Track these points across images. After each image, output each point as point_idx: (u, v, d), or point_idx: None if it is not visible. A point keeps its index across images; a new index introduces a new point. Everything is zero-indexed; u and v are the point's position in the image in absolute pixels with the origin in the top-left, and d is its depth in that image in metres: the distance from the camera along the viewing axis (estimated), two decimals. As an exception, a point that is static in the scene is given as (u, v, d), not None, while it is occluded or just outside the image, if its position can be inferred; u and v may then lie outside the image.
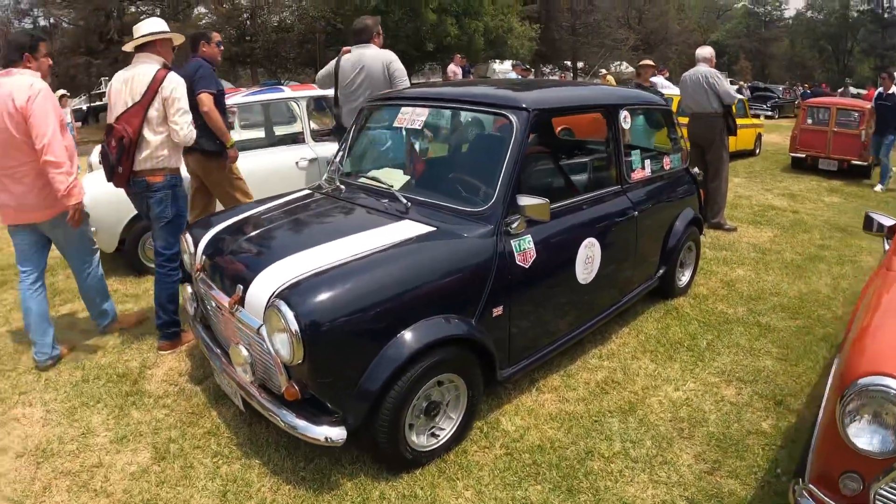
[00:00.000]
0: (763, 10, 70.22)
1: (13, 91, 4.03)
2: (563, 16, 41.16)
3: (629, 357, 4.49)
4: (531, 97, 3.80)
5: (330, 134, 7.88)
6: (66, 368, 4.52)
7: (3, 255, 7.48)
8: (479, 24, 28.54)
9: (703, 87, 7.69)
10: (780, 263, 6.70)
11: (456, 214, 3.52)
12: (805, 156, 13.33)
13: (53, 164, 4.04)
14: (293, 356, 2.76)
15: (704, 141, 7.90)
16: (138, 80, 4.39)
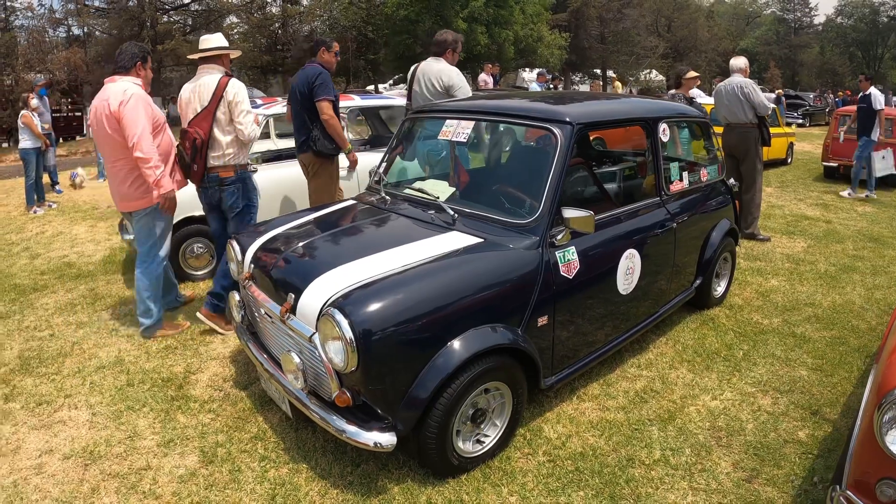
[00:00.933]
0: (792, 17, 69.55)
1: (110, 96, 4.66)
2: (592, 24, 41.01)
3: (667, 366, 4.53)
4: (575, 111, 3.89)
5: (367, 144, 8.00)
6: (110, 372, 4.63)
7: (42, 260, 7.65)
8: (510, 33, 28.55)
9: (738, 98, 7.69)
10: (814, 274, 6.69)
11: (502, 226, 3.59)
12: (838, 165, 13.19)
13: (142, 160, 4.63)
14: (347, 364, 2.84)
15: (739, 152, 7.90)
16: (205, 87, 5.03)
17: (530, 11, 30.72)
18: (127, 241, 6.26)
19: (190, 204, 6.23)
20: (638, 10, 43.42)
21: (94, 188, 13.17)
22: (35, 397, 4.33)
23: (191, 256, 6.43)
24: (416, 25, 26.79)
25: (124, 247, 7.75)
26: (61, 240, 8.69)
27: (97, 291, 6.38)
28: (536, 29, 30.97)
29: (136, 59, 4.88)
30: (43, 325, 5.58)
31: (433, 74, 6.09)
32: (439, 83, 6.02)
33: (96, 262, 7.50)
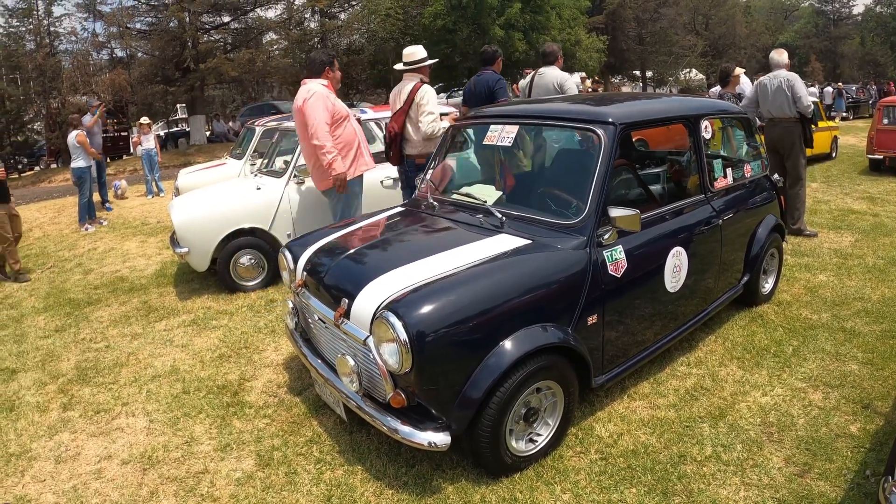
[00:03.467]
0: (831, 8, 68.23)
1: (300, 95, 5.69)
2: (629, 25, 40.77)
3: (717, 364, 4.52)
4: (617, 111, 3.92)
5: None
6: (166, 381, 4.77)
7: (95, 275, 7.88)
8: (547, 39, 28.49)
9: (783, 92, 7.58)
10: (863, 268, 6.59)
11: (549, 227, 3.64)
12: (883, 157, 12.95)
13: (317, 147, 5.60)
14: (401, 365, 2.92)
15: (783, 146, 7.79)
16: (404, 91, 6.24)
17: (566, 16, 30.61)
18: (179, 254, 6.42)
19: (239, 216, 6.40)
20: (674, 9, 43.03)
21: (143, 204, 13.48)
22: (93, 406, 4.49)
23: (241, 267, 6.57)
24: (453, 35, 26.86)
25: (176, 260, 7.93)
26: (113, 255, 8.94)
27: (150, 304, 6.56)
28: (574, 33, 30.83)
29: (324, 65, 5.88)
30: (98, 337, 5.77)
31: (552, 78, 7.41)
32: (556, 84, 7.36)
33: (148, 275, 7.70)
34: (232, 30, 28.08)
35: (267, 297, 6.40)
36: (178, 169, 14.82)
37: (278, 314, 5.87)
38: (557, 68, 7.54)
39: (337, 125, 5.75)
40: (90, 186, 11.14)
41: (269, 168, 7.41)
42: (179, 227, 6.41)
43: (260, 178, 7.08)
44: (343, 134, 5.81)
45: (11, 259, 7.99)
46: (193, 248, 6.39)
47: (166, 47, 25.19)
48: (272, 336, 5.42)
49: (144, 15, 26.60)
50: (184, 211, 6.58)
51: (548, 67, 7.57)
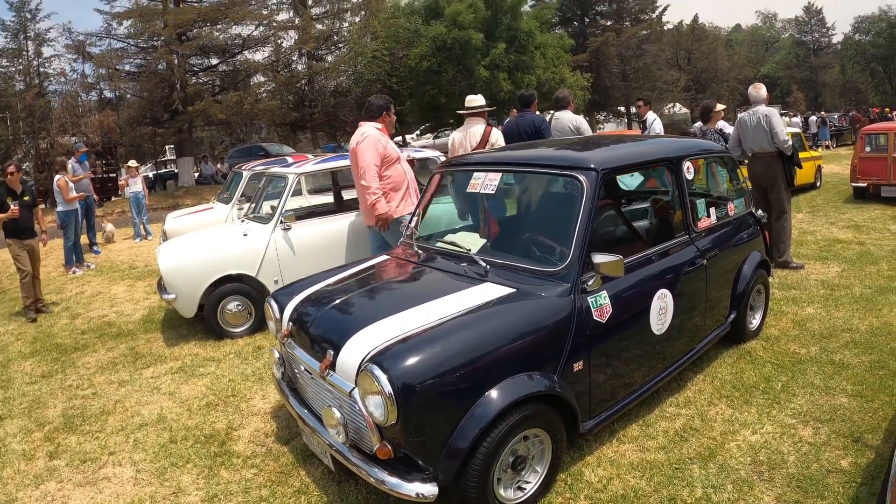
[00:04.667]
0: (810, 38, 69.44)
1: (355, 136, 5.99)
2: (613, 62, 41.36)
3: (706, 403, 4.50)
4: (598, 157, 3.96)
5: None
6: (153, 430, 4.73)
7: (82, 320, 7.86)
8: (532, 78, 28.79)
9: (762, 128, 7.67)
10: (850, 298, 6.61)
11: (534, 275, 3.66)
12: (867, 185, 13.10)
13: (364, 187, 5.86)
14: (387, 417, 2.90)
15: (766, 181, 7.87)
16: (473, 134, 6.93)
17: (551, 55, 31.00)
18: (166, 300, 6.41)
19: (226, 263, 6.40)
20: (657, 45, 43.82)
21: (131, 247, 13.48)
22: (79, 455, 4.45)
23: (228, 314, 6.55)
24: (439, 76, 27.14)
25: (163, 305, 7.90)
26: (100, 299, 8.91)
27: (137, 350, 6.53)
28: (558, 71, 31.20)
29: (381, 110, 6.17)
30: (85, 384, 5.74)
31: (568, 121, 8.11)
32: (573, 126, 8.06)
33: (136, 321, 7.67)
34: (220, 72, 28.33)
35: (254, 343, 6.37)
36: (166, 211, 14.83)
37: (266, 361, 5.84)
38: (570, 111, 8.28)
39: (387, 166, 6.00)
40: (75, 230, 11.15)
41: (256, 213, 7.42)
42: (166, 273, 6.41)
43: (247, 224, 7.09)
44: (393, 175, 6.05)
45: (24, 293, 8.18)
46: (181, 295, 6.38)
47: (155, 89, 25.42)
48: (260, 384, 5.39)
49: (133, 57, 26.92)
50: (171, 257, 6.58)
51: (562, 112, 8.30)
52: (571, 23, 44.69)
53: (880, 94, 65.97)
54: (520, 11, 29.68)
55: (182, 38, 25.32)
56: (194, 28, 25.96)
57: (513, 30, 28.69)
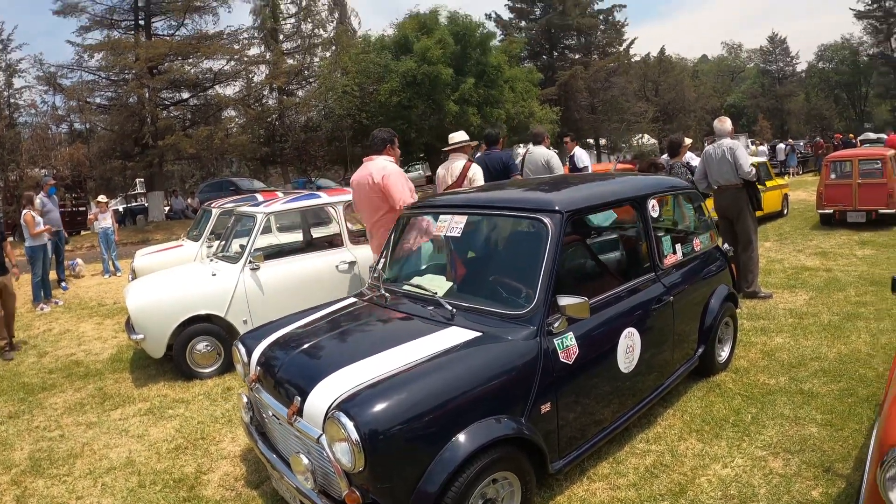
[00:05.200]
0: (775, 67, 70.88)
1: (373, 171, 5.90)
2: (581, 95, 41.82)
3: (676, 438, 4.51)
4: (563, 198, 4.00)
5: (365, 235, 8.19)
6: (121, 474, 4.65)
7: (50, 358, 7.77)
8: (501, 112, 28.99)
9: (727, 161, 7.80)
10: (818, 326, 6.69)
11: (500, 318, 3.67)
12: (833, 211, 13.36)
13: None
14: (354, 464, 2.89)
15: (732, 213, 8.00)
16: (454, 168, 7.11)
17: (520, 89, 31.20)
18: (134, 340, 6.35)
19: (195, 302, 6.36)
20: (624, 77, 44.42)
21: (100, 283, 13.34)
22: (47, 499, 4.37)
23: (197, 354, 6.49)
24: (409, 111, 27.27)
25: (132, 345, 7.81)
26: (68, 337, 8.81)
27: (105, 391, 6.45)
28: (527, 105, 31.39)
29: (385, 143, 6.21)
30: (53, 426, 5.65)
31: (540, 156, 8.54)
32: (544, 161, 8.44)
33: (104, 360, 7.58)
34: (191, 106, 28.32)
35: (224, 384, 6.31)
36: (135, 247, 14.73)
37: (235, 403, 5.78)
38: (545, 147, 8.76)
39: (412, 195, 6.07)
40: (44, 265, 11.03)
41: (225, 252, 7.39)
42: (135, 313, 6.35)
43: (216, 263, 7.06)
44: None
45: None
46: (149, 335, 6.33)
47: (125, 122, 25.37)
48: (229, 426, 5.33)
49: (104, 89, 26.89)
50: (139, 296, 6.53)
51: (536, 147, 8.74)
52: (540, 56, 45.24)
53: (844, 120, 67.40)
54: (489, 46, 29.90)
55: (153, 71, 25.33)
56: (165, 62, 25.97)
57: (482, 64, 28.91)
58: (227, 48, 27.33)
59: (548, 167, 8.42)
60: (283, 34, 32.78)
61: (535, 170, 8.56)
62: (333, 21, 34.79)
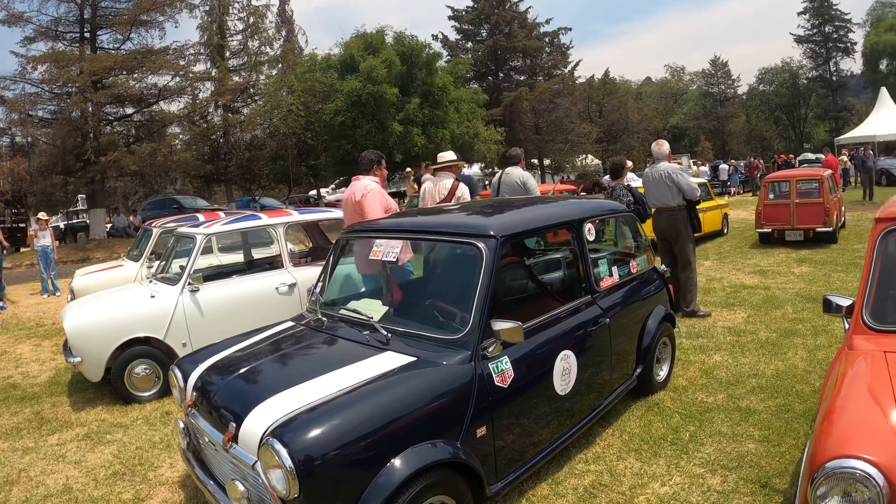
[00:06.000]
0: (717, 90, 72.66)
1: (356, 190, 6.34)
2: (526, 116, 42.38)
3: (615, 458, 4.56)
4: (498, 223, 4.05)
5: (307, 257, 8.16)
6: (58, 501, 4.55)
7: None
8: (446, 132, 29.17)
9: (665, 184, 7.99)
10: (756, 344, 6.84)
11: (435, 343, 3.69)
12: (771, 230, 13.75)
13: None
14: (289, 491, 2.86)
15: (670, 234, 8.17)
16: (442, 186, 7.54)
17: (465, 110, 31.49)
18: (71, 363, 6.21)
19: (133, 325, 6.26)
20: (569, 98, 45.21)
21: (39, 303, 13.05)
22: (-18, 528, 4.25)
23: (136, 378, 6.38)
24: (354, 131, 27.33)
25: (70, 368, 7.64)
26: (5, 359, 8.60)
27: (42, 415, 6.30)
28: (472, 126, 31.70)
29: (373, 163, 6.54)
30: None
31: (516, 176, 8.52)
32: (519, 182, 8.46)
33: (41, 383, 7.40)
34: (135, 122, 27.94)
35: (163, 408, 6.20)
36: (75, 265, 14.43)
37: (174, 427, 5.68)
38: (520, 168, 8.73)
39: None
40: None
41: (164, 273, 7.28)
42: (72, 336, 6.23)
43: (155, 285, 6.96)
44: None
45: None
46: (86, 358, 6.21)
47: (68, 137, 24.94)
48: (167, 451, 5.24)
49: (47, 103, 26.47)
50: (76, 318, 6.40)
51: (512, 168, 8.72)
52: (486, 78, 45.81)
53: (784, 140, 69.28)
54: (435, 67, 30.16)
55: (97, 85, 24.93)
56: (110, 76, 25.58)
57: (427, 85, 29.11)
58: (173, 64, 27.10)
59: (524, 188, 8.50)
60: (230, 51, 32.64)
61: (510, 191, 8.62)
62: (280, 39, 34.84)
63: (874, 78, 58.54)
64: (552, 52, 47.82)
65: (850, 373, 3.01)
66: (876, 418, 2.59)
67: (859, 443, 2.43)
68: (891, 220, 3.52)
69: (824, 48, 67.78)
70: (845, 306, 3.62)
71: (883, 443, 2.42)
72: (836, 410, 2.72)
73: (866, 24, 64.91)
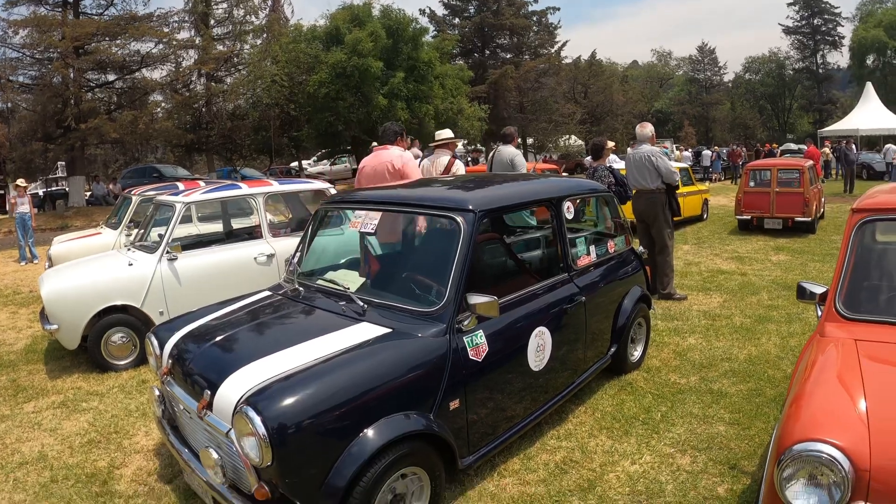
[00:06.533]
0: (703, 76, 72.62)
1: (393, 159, 6.35)
2: (511, 94, 42.21)
3: (586, 435, 4.61)
4: (477, 198, 4.06)
5: (287, 227, 8.14)
6: (33, 469, 4.54)
7: None
8: (430, 108, 29.02)
9: (646, 166, 8.03)
10: (730, 328, 6.92)
11: (410, 315, 3.71)
12: (751, 217, 13.87)
13: None
14: (262, 459, 2.89)
15: (648, 216, 8.23)
16: (439, 163, 7.73)
17: (450, 85, 31.29)
18: (48, 330, 6.18)
19: (110, 293, 6.23)
20: (554, 78, 45.05)
21: (16, 271, 12.94)
22: (-45, 495, 4.23)
23: (112, 346, 6.37)
24: (337, 103, 27.10)
25: (47, 335, 7.60)
26: (-19, 328, 8.50)
27: (19, 383, 6.27)
28: (456, 102, 31.49)
29: (396, 135, 6.67)
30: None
31: (506, 154, 8.69)
32: (508, 159, 8.62)
33: (18, 350, 7.36)
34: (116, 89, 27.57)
35: (139, 376, 6.20)
36: (54, 233, 14.31)
37: (149, 396, 5.69)
38: (513, 147, 8.91)
39: None
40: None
41: (143, 241, 7.25)
42: (49, 303, 6.19)
43: (133, 253, 6.93)
44: None
45: None
46: (63, 325, 6.18)
47: (48, 103, 24.58)
48: (143, 419, 5.25)
49: (28, 68, 26.01)
50: (53, 286, 6.36)
51: (504, 146, 8.96)
52: (472, 54, 45.51)
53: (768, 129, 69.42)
54: (421, 41, 29.95)
55: (79, 51, 24.55)
56: (92, 42, 25.19)
57: (413, 59, 28.91)
58: (157, 31, 26.71)
59: (512, 165, 8.66)
60: (215, 19, 32.18)
61: (500, 168, 8.82)
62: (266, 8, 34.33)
63: (860, 73, 58.86)
64: (539, 31, 47.56)
65: (820, 359, 3.06)
66: (844, 404, 2.64)
67: (827, 427, 2.47)
68: (867, 211, 3.56)
69: (812, 40, 67.88)
70: (819, 293, 3.66)
71: (850, 428, 2.46)
72: (805, 395, 2.76)
73: (855, 19, 65.10)
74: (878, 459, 2.33)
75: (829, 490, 2.36)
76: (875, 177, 29.20)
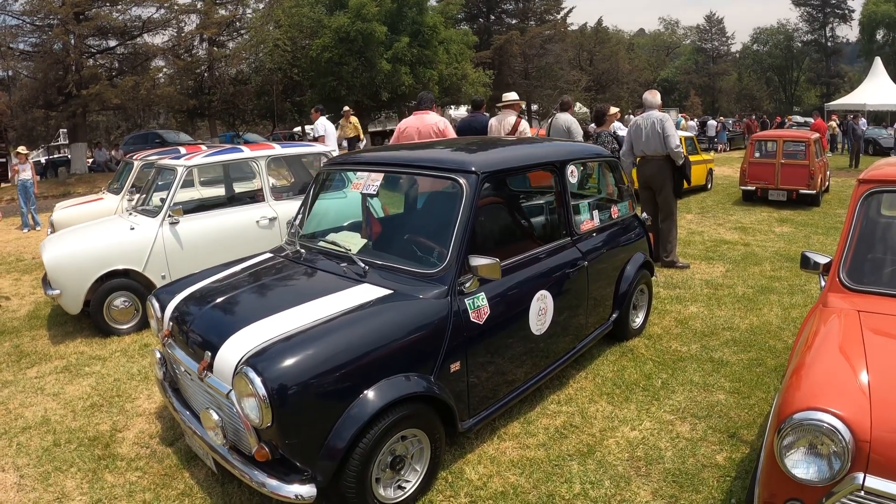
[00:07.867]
0: (710, 46, 72.05)
1: (437, 122, 7.51)
2: (515, 60, 41.85)
3: (587, 401, 4.63)
4: (480, 160, 4.02)
5: (289, 191, 8.10)
6: (36, 433, 4.56)
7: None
8: (434, 73, 28.85)
9: (656, 132, 7.92)
10: (733, 298, 6.91)
11: (412, 276, 3.69)
12: (755, 188, 13.80)
13: None
14: (262, 420, 2.89)
15: (656, 183, 8.15)
16: (507, 122, 8.59)
17: (454, 50, 31.10)
18: (50, 296, 6.19)
19: (112, 257, 6.22)
20: (560, 45, 44.56)
21: (19, 238, 12.94)
22: (-41, 460, 4.25)
23: (115, 310, 6.37)
24: (340, 68, 26.93)
25: (49, 301, 7.61)
26: (-17, 294, 8.51)
27: (22, 348, 6.28)
28: (461, 67, 31.34)
29: (432, 102, 7.84)
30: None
31: (562, 121, 9.00)
32: (564, 127, 8.93)
33: (21, 317, 7.37)
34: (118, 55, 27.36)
35: (141, 340, 6.22)
36: (56, 200, 14.29)
37: (151, 359, 5.70)
38: (569, 114, 9.24)
39: None
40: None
41: (145, 206, 7.22)
42: (51, 268, 6.19)
43: (135, 217, 6.91)
44: None
45: None
46: (65, 290, 6.18)
47: (49, 70, 24.39)
48: (145, 383, 5.27)
49: (28, 35, 25.76)
50: (55, 251, 6.35)
51: (562, 113, 9.33)
52: (477, 19, 45.09)
53: (774, 101, 69.09)
54: (425, 6, 29.69)
55: (80, 17, 24.31)
56: (93, 8, 24.95)
57: (417, 24, 28.69)
58: (158, -6, 26.44)
59: (568, 133, 8.90)
60: (216, -18, 31.85)
61: (556, 134, 9.06)
62: (269, -29, 33.92)
63: (869, 47, 58.20)
64: (545, -4, 47.16)
65: (822, 329, 3.04)
66: (846, 375, 2.62)
67: (828, 397, 2.45)
68: (874, 182, 3.53)
69: (821, 13, 67.25)
70: (822, 264, 3.64)
71: (852, 399, 2.44)
72: (806, 365, 2.75)
73: (865, -7, 64.38)
74: (879, 431, 2.32)
75: (829, 460, 2.35)
76: (881, 152, 28.96)
